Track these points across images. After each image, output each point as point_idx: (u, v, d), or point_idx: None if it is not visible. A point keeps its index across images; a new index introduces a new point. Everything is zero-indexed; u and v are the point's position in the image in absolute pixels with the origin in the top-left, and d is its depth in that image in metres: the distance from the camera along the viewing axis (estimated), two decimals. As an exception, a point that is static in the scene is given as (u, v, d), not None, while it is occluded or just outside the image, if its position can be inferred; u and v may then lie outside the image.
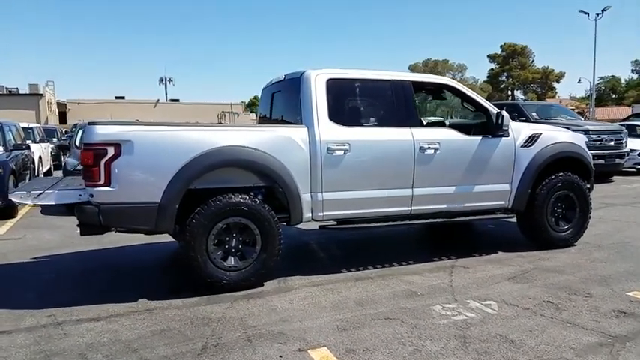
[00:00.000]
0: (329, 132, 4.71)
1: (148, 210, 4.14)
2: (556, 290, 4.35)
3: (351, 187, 4.83)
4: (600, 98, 66.97)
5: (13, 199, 4.01)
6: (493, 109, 5.47)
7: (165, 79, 64.08)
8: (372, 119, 5.07)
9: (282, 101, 5.48)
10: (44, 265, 5.49)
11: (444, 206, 5.27)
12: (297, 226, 4.91)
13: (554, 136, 5.79)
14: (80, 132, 10.08)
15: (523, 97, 64.60)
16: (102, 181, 4.02)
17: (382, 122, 5.04)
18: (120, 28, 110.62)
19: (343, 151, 4.73)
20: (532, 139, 5.58)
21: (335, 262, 5.32)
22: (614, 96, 72.43)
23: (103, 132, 4.04)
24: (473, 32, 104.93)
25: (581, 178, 5.88)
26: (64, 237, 6.83)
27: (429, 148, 5.05)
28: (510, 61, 68.51)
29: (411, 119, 5.10)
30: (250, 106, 75.77)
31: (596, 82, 55.33)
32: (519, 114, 12.95)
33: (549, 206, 5.68)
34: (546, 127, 5.95)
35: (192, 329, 3.62)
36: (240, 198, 4.39)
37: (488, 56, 70.94)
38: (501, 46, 69.21)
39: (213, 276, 4.32)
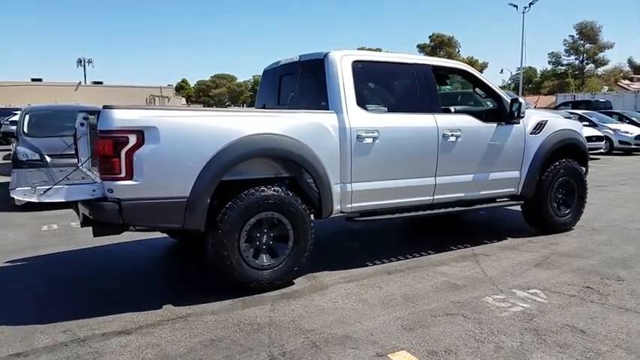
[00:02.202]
0: (358, 118, 4.42)
1: (176, 206, 3.67)
2: (587, 275, 4.39)
3: (379, 176, 4.59)
4: (518, 88, 71.05)
5: (15, 196, 3.38)
6: (506, 97, 5.43)
7: (84, 60, 59.98)
8: (398, 105, 4.84)
9: (298, 85, 5.10)
10: (24, 270, 4.79)
11: (463, 194, 5.17)
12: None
13: (558, 122, 5.87)
14: (27, 117, 9.04)
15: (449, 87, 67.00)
16: (123, 174, 3.50)
17: (408, 108, 4.82)
18: (33, 5, 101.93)
19: (372, 139, 4.47)
20: (540, 126, 5.62)
21: (355, 255, 5.07)
22: (530, 86, 77.14)
23: (123, 117, 3.50)
24: (404, 21, 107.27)
25: (579, 163, 6.03)
26: (32, 236, 6.07)
27: (452, 135, 4.91)
28: (438, 51, 70.74)
29: (433, 105, 4.93)
30: (179, 89, 72.95)
31: (515, 72, 58.58)
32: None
33: (553, 192, 5.77)
34: (550, 114, 6.02)
35: (246, 337, 3.25)
36: (273, 190, 4.02)
37: (417, 46, 72.78)
38: (430, 37, 71.30)
39: (247, 276, 3.94)
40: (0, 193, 9.03)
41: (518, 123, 5.44)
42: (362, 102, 4.50)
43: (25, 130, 8.70)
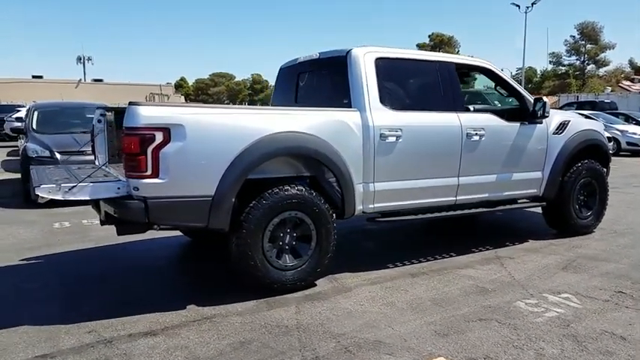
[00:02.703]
0: (381, 116, 4.32)
1: (201, 204, 3.57)
2: (617, 280, 4.29)
3: (401, 176, 4.49)
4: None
5: (40, 194, 3.28)
6: (529, 96, 5.34)
7: (84, 57, 59.83)
8: (421, 103, 4.74)
9: (317, 83, 5.00)
10: (41, 268, 4.69)
11: (486, 195, 5.07)
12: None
13: (581, 122, 5.78)
14: (35, 113, 8.94)
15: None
16: (149, 172, 3.40)
17: (431, 106, 4.71)
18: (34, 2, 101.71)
19: (395, 137, 4.37)
20: (562, 126, 5.52)
21: (375, 256, 4.98)
22: (530, 86, 77.09)
23: (150, 114, 3.40)
24: (402, 20, 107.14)
25: (600, 164, 5.93)
26: (45, 234, 5.97)
27: (476, 134, 4.81)
28: (438, 50, 70.55)
29: (457, 103, 4.84)
30: (178, 87, 72.71)
31: (515, 72, 58.44)
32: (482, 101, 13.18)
33: (575, 194, 5.67)
34: (571, 114, 5.92)
35: (275, 340, 3.16)
36: (297, 190, 3.92)
37: (417, 45, 72.54)
38: (429, 36, 71.14)
39: (270, 277, 3.84)
40: (7, 190, 8.97)
41: (541, 123, 5.34)
42: (385, 100, 4.40)
43: (34, 126, 8.59)
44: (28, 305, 3.78)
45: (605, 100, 25.89)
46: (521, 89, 5.38)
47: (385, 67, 4.47)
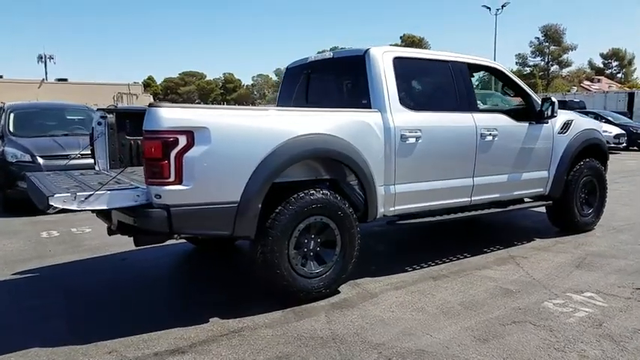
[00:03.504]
0: (401, 117, 4.24)
1: (226, 211, 3.39)
2: (632, 277, 4.33)
3: (421, 177, 4.42)
4: (486, 88, 72.41)
5: (54, 204, 3.03)
6: (535, 96, 5.36)
7: (45, 56, 57.73)
8: (438, 103, 4.67)
9: (331, 83, 4.88)
10: (39, 283, 4.41)
11: (498, 195, 5.06)
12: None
13: (582, 122, 5.84)
14: (12, 115, 8.47)
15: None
16: (172, 178, 3.20)
17: (448, 107, 4.66)
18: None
19: (415, 138, 4.29)
20: (566, 126, 5.57)
21: (392, 259, 4.90)
22: (497, 86, 78.70)
23: (172, 116, 3.21)
24: (378, 23, 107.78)
25: (600, 162, 6.02)
26: (33, 244, 5.64)
27: (490, 134, 4.79)
28: (408, 51, 70.93)
29: (471, 103, 4.80)
30: (146, 87, 71.10)
31: (483, 74, 59.48)
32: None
33: (578, 192, 5.73)
34: (572, 114, 5.98)
35: (314, 353, 3.02)
36: (322, 194, 3.79)
37: (389, 45, 73.01)
38: (401, 37, 71.79)
39: (296, 285, 3.70)
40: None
41: (547, 122, 5.37)
42: (404, 100, 4.31)
43: (12, 129, 8.11)
44: (33, 324, 3.52)
45: (575, 100, 26.65)
46: (528, 89, 5.39)
47: (402, 67, 4.38)
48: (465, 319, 3.48)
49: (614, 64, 69.15)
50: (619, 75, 68.10)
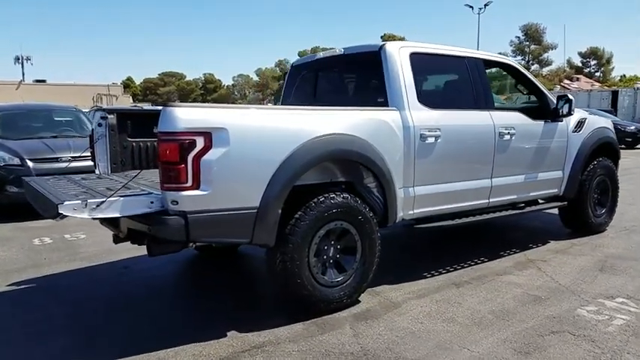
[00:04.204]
0: (420, 115, 4.04)
1: (245, 217, 3.15)
2: (659, 280, 4.21)
3: (440, 179, 4.22)
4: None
5: (64, 212, 2.76)
6: (549, 94, 5.22)
7: (22, 57, 56.42)
8: (456, 101, 4.49)
9: (343, 80, 4.66)
10: (37, 294, 4.10)
11: (515, 196, 4.90)
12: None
13: (595, 120, 5.72)
14: (-3, 118, 8.07)
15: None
16: (189, 183, 2.95)
17: (465, 105, 4.48)
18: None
19: (434, 138, 4.09)
20: (580, 124, 5.43)
21: (408, 265, 4.70)
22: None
23: (189, 117, 2.96)
24: (358, 22, 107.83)
25: (612, 161, 5.91)
26: (27, 252, 5.32)
27: (507, 133, 4.62)
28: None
29: (488, 101, 4.63)
30: (125, 87, 69.92)
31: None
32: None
33: (592, 192, 5.61)
34: (584, 112, 5.85)
35: (347, 372, 2.80)
36: (342, 197, 3.57)
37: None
38: (382, 37, 71.84)
39: (316, 295, 3.47)
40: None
41: (562, 121, 5.23)
42: (422, 98, 4.11)
43: (-4, 131, 7.73)
44: (36, 340, 3.23)
45: (560, 98, 26.81)
46: (542, 87, 5.24)
47: (419, 63, 4.18)
48: (500, 330, 3.29)
49: (593, 62, 70.22)
50: (597, 74, 69.18)
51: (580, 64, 70.11)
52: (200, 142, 2.96)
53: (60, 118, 8.77)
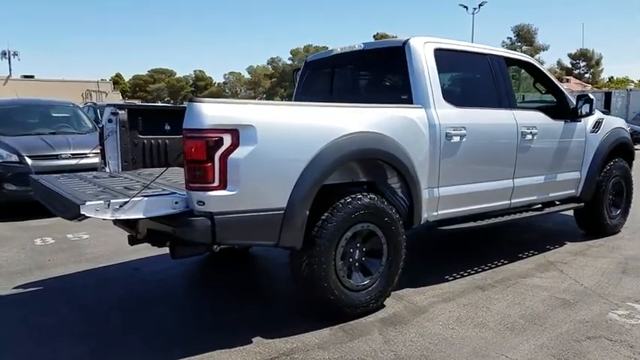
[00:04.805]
0: (446, 113, 3.91)
1: (272, 219, 3.01)
2: (685, 283, 4.13)
3: (464, 179, 4.11)
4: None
5: (85, 213, 2.60)
6: (567, 93, 5.13)
7: (9, 52, 55.57)
8: (480, 99, 4.37)
9: (362, 77, 4.53)
10: (46, 297, 3.93)
11: (535, 197, 4.81)
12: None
13: (612, 120, 5.65)
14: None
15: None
16: (216, 183, 2.80)
17: (488, 103, 4.36)
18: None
19: (459, 137, 3.97)
20: (598, 125, 5.35)
21: (427, 267, 4.56)
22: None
23: (216, 113, 2.81)
24: (351, 21, 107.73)
25: (627, 162, 5.84)
26: (29, 252, 5.13)
27: (530, 133, 4.52)
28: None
29: (510, 100, 4.52)
30: (115, 84, 69.16)
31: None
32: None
33: (607, 193, 5.54)
34: (599, 112, 5.77)
35: (384, 381, 2.67)
36: (369, 198, 3.44)
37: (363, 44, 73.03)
38: (374, 36, 71.76)
39: (342, 300, 3.33)
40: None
41: (580, 121, 5.14)
42: (447, 95, 3.99)
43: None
44: (49, 348, 3.07)
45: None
46: (561, 86, 5.15)
47: (444, 59, 4.06)
48: (534, 336, 3.18)
49: (582, 64, 70.76)
50: (587, 75, 69.74)
51: (570, 66, 70.68)
52: (227, 140, 2.81)
53: (57, 114, 8.54)
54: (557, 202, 5.31)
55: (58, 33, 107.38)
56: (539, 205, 5.02)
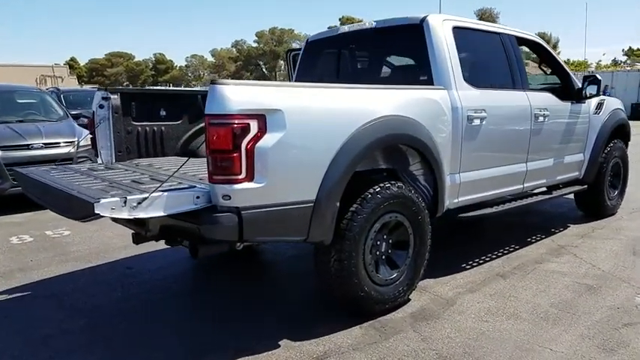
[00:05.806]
0: (467, 95, 3.72)
1: (301, 213, 2.75)
2: (698, 264, 4.13)
3: (483, 164, 3.95)
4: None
5: (100, 212, 2.27)
6: (571, 73, 5.04)
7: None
8: (497, 80, 4.20)
9: (374, 56, 4.27)
10: (38, 304, 3.55)
11: (544, 181, 4.72)
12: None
13: (612, 102, 5.60)
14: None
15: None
16: (243, 174, 2.52)
17: (505, 84, 4.20)
18: None
19: (480, 120, 3.80)
20: (600, 106, 5.29)
21: (441, 255, 4.36)
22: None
23: (242, 98, 2.51)
24: (315, 1, 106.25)
25: (624, 143, 5.83)
26: (7, 252, 4.72)
27: (542, 115, 4.39)
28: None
29: (524, 81, 4.37)
30: (71, 68, 66.18)
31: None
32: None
33: (607, 175, 5.51)
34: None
35: (434, 384, 2.49)
36: (397, 187, 3.22)
37: (328, 27, 72.14)
38: (340, 19, 71.09)
39: (373, 296, 3.13)
40: None
41: (585, 102, 5.06)
42: (466, 76, 3.80)
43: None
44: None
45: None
46: (566, 67, 5.05)
47: (462, 38, 3.85)
48: (571, 326, 3.06)
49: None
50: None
51: (527, 49, 72.16)
52: (254, 127, 2.52)
53: (23, 100, 7.92)
54: (561, 186, 5.26)
55: (7, 17, 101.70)
56: (545, 189, 4.94)
